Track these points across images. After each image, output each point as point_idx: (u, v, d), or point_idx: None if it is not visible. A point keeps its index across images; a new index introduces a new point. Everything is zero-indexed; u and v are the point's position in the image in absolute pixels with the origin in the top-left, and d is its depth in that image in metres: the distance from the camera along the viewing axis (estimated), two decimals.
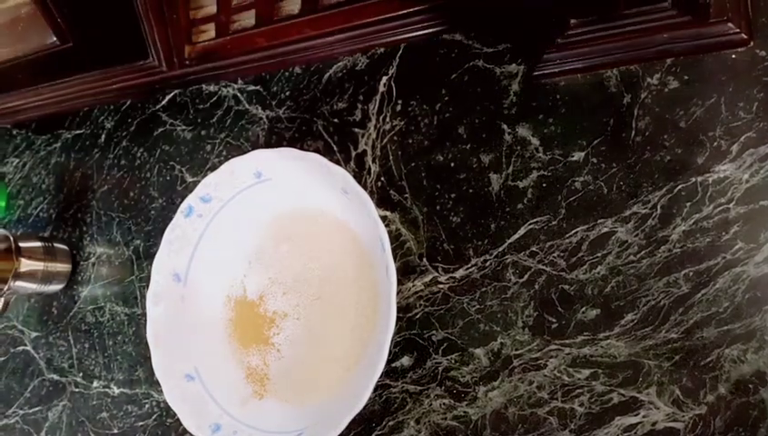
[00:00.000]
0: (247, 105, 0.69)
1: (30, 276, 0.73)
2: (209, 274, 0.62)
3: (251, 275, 0.63)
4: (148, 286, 0.60)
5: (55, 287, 0.77)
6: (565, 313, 0.54)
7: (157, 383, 0.58)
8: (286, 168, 0.57)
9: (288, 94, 0.67)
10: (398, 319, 0.59)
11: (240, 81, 0.69)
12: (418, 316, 0.59)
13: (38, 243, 0.75)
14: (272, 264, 0.62)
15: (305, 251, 0.61)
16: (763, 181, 0.49)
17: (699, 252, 0.50)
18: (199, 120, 0.71)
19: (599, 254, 0.53)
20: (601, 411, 0.52)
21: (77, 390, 0.75)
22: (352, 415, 0.49)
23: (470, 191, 0.58)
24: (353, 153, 0.63)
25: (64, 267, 0.77)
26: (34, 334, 0.79)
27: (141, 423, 0.71)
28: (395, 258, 0.60)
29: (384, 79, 0.62)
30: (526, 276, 0.55)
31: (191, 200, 0.59)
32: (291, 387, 0.59)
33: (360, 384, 0.50)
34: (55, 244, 0.77)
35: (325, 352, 0.58)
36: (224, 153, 0.69)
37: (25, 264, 0.72)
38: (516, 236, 0.56)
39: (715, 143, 0.50)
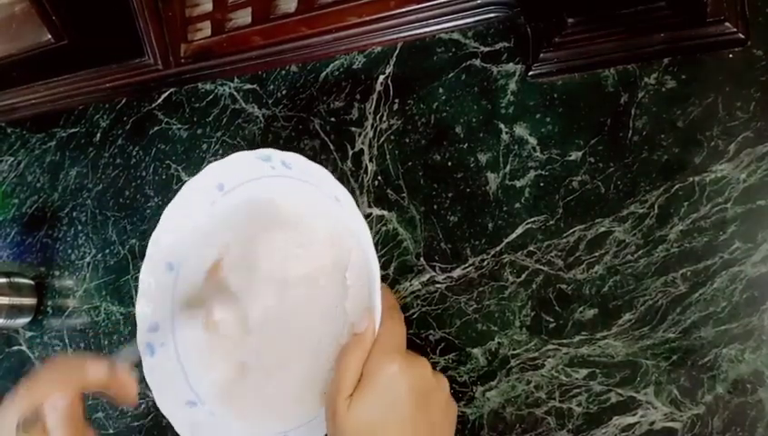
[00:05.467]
0: (243, 104, 0.68)
1: None
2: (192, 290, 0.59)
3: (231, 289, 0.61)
4: None
5: (22, 321, 0.78)
6: (562, 313, 0.54)
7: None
8: (241, 173, 0.55)
9: (284, 92, 0.66)
10: None
11: (236, 79, 0.69)
12: (415, 316, 0.58)
13: (2, 279, 0.76)
14: (250, 267, 0.60)
15: (277, 251, 0.58)
16: (760, 180, 0.49)
17: (696, 252, 0.51)
18: (195, 119, 0.71)
19: (597, 254, 0.53)
20: (599, 410, 0.52)
21: None
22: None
23: (467, 190, 0.58)
24: (350, 152, 0.63)
25: (29, 301, 0.78)
26: (28, 334, 0.79)
27: (136, 423, 0.70)
28: (392, 258, 0.60)
29: (381, 78, 0.62)
30: (523, 276, 0.55)
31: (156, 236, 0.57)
32: (278, 387, 0.58)
33: None
34: (19, 279, 0.78)
35: (312, 346, 0.56)
36: (220, 151, 0.69)
37: None
38: (514, 236, 0.56)
39: (713, 143, 0.50)
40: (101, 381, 0.46)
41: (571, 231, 0.54)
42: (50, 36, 0.67)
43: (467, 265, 0.57)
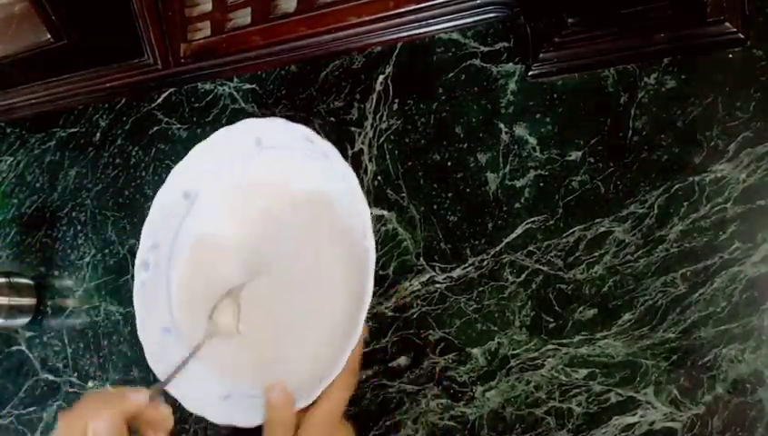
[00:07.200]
0: (243, 104, 0.68)
1: None
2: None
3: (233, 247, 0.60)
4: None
5: (21, 321, 0.78)
6: (562, 313, 0.54)
7: (154, 383, 0.57)
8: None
9: (284, 92, 0.66)
10: (395, 318, 0.59)
11: (235, 79, 0.69)
12: (414, 316, 0.58)
13: (2, 279, 0.76)
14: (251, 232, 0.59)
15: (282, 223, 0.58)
16: (760, 180, 0.49)
17: (696, 252, 0.51)
18: (194, 118, 0.71)
19: (596, 254, 0.53)
20: (598, 410, 0.52)
21: (72, 390, 0.75)
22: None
23: (467, 190, 0.58)
24: (350, 152, 0.62)
25: (28, 301, 0.78)
26: (28, 334, 0.79)
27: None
28: (391, 258, 0.60)
29: (381, 78, 0.62)
30: (523, 276, 0.55)
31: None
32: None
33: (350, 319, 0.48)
34: (19, 279, 0.78)
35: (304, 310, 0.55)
36: None
37: None
38: (514, 236, 0.56)
39: (712, 143, 0.50)
40: (140, 405, 0.46)
41: (571, 231, 0.54)
42: (50, 36, 0.67)
43: (466, 265, 0.57)
